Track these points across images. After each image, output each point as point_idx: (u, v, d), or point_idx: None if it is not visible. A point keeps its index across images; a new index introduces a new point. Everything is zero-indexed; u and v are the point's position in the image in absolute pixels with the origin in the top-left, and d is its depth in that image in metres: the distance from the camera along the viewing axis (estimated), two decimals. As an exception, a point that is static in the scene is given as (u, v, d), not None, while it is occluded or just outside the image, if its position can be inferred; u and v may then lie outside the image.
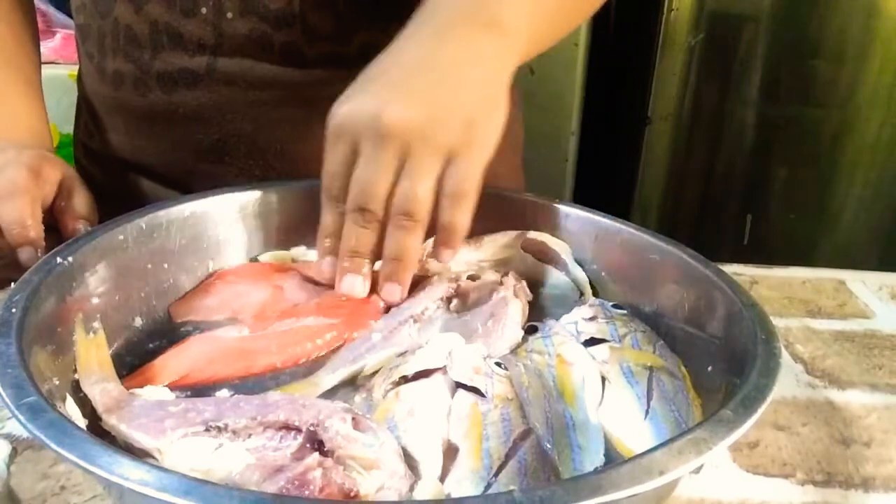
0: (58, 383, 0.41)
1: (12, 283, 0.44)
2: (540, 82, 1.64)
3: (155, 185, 0.74)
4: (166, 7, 0.66)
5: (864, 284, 0.73)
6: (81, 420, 0.40)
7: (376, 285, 0.53)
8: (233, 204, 0.60)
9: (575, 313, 0.54)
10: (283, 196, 0.61)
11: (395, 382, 0.44)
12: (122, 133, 0.74)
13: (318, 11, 0.66)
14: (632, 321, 0.53)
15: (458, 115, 0.48)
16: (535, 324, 0.53)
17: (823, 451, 0.50)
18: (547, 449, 0.40)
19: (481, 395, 0.43)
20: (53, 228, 0.59)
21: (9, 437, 0.45)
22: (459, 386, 0.44)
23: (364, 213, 0.49)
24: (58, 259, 0.47)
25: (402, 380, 0.44)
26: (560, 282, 0.59)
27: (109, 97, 0.72)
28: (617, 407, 0.46)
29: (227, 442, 0.37)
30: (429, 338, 0.49)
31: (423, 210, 0.48)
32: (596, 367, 0.48)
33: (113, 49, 0.69)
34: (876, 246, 1.77)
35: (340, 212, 0.50)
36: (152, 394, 0.44)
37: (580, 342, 0.51)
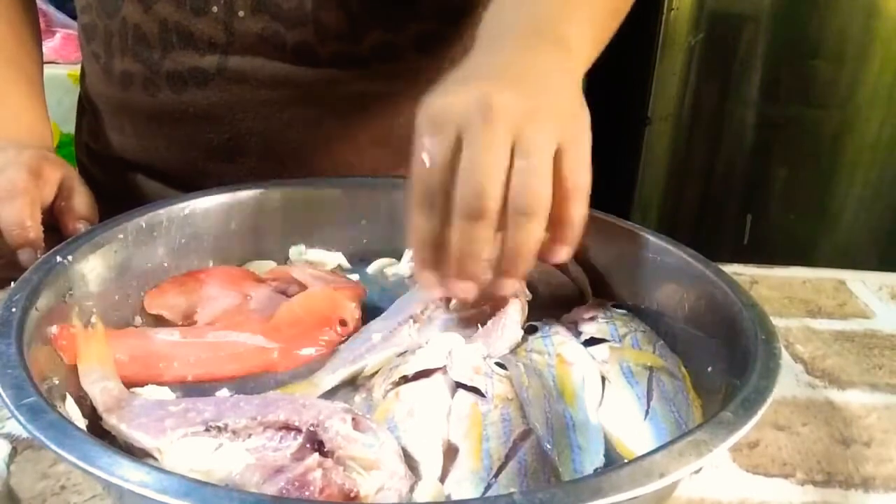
0: (58, 383, 0.41)
1: (12, 283, 0.44)
2: (540, 82, 1.64)
3: (161, 186, 0.74)
4: (176, 6, 0.66)
5: (864, 284, 0.73)
6: (81, 420, 0.40)
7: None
8: (233, 203, 0.60)
9: (575, 313, 0.54)
10: (284, 195, 0.61)
11: (395, 382, 0.44)
12: (128, 134, 0.74)
13: (331, 11, 0.65)
14: (632, 321, 0.53)
15: (564, 108, 0.46)
16: (535, 324, 0.53)
17: (823, 450, 0.50)
18: (547, 449, 0.40)
19: (481, 395, 0.43)
20: (53, 228, 0.59)
21: (9, 437, 0.45)
22: (459, 386, 0.44)
23: (478, 213, 0.43)
24: (57, 258, 0.47)
25: (402, 380, 0.44)
26: (560, 282, 0.59)
27: (116, 98, 0.72)
28: (617, 407, 0.46)
29: (227, 442, 0.37)
30: (429, 338, 0.49)
31: (544, 204, 0.44)
32: (596, 367, 0.49)
33: (121, 49, 0.69)
34: (876, 246, 1.77)
35: (439, 215, 0.44)
36: (153, 393, 0.44)
37: (580, 342, 0.51)
